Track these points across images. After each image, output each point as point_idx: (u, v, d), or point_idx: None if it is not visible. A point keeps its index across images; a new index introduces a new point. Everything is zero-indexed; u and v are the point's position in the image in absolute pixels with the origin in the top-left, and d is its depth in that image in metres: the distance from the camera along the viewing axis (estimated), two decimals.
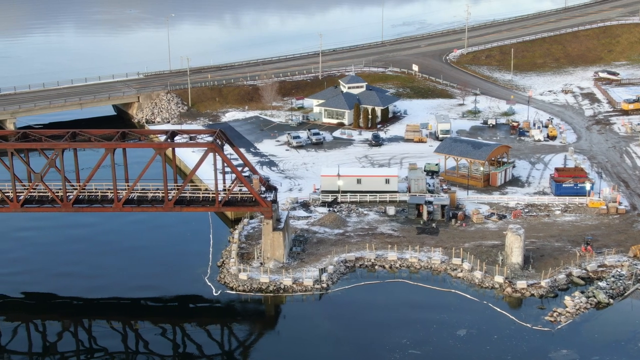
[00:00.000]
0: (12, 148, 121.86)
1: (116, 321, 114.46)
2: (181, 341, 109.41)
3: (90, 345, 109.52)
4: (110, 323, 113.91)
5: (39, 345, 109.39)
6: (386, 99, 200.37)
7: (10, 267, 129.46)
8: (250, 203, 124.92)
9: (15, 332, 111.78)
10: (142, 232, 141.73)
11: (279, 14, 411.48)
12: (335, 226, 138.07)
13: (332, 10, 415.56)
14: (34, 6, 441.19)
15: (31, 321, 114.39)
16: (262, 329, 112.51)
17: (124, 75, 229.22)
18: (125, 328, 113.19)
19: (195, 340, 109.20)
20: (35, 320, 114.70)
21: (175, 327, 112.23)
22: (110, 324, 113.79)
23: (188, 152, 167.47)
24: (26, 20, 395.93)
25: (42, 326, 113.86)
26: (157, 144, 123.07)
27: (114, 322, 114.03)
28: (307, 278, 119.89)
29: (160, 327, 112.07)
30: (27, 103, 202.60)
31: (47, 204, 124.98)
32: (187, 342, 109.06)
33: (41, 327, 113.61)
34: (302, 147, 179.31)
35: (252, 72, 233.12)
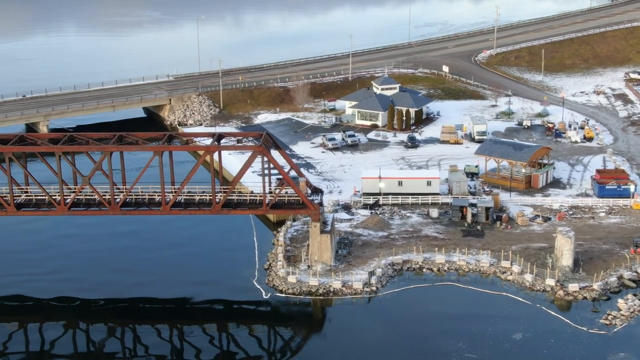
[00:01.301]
0: (60, 151, 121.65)
1: (162, 324, 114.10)
2: (233, 344, 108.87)
3: (135, 347, 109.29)
4: (156, 326, 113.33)
5: (83, 346, 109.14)
6: (419, 101, 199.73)
7: (58, 269, 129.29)
8: (298, 206, 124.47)
9: (62, 334, 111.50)
10: (185, 235, 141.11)
11: (301, 15, 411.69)
12: (379, 229, 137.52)
13: (355, 11, 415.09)
14: (49, 9, 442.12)
15: (78, 323, 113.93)
16: (313, 332, 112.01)
17: (154, 77, 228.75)
18: (172, 330, 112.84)
19: (247, 343, 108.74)
20: (81, 322, 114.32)
21: (225, 330, 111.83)
22: (156, 326, 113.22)
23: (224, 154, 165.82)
24: (45, 23, 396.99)
25: (88, 328, 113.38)
26: (205, 147, 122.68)
27: (160, 325, 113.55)
28: (356, 281, 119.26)
29: (210, 330, 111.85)
30: (59, 105, 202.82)
31: (95, 207, 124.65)
32: (239, 344, 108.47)
33: (87, 329, 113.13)
34: (337, 149, 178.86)
35: (281, 73, 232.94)
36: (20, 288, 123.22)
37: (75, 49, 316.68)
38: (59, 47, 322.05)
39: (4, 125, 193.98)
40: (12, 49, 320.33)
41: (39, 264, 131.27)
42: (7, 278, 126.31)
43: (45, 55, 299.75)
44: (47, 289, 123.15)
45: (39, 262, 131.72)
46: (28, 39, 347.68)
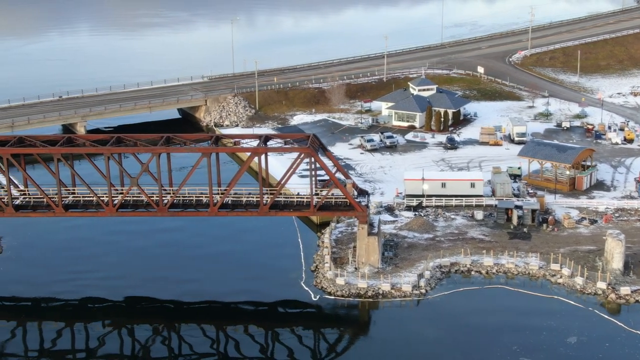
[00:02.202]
0: (109, 152, 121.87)
1: (208, 325, 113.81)
2: (281, 346, 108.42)
3: (180, 347, 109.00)
4: (201, 326, 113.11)
5: (128, 346, 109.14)
6: (457, 102, 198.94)
7: (103, 270, 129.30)
8: (345, 207, 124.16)
9: (107, 333, 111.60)
10: (229, 237, 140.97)
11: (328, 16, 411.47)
12: (424, 230, 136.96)
13: (382, 11, 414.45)
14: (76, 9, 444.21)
15: (124, 325, 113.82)
16: (363, 334, 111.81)
17: (188, 78, 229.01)
18: (217, 332, 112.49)
19: (296, 345, 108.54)
20: (127, 321, 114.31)
21: (273, 332, 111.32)
22: (201, 327, 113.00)
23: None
24: (73, 23, 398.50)
25: (133, 328, 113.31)
26: (253, 149, 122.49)
27: (206, 326, 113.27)
28: (405, 283, 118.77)
29: (257, 332, 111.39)
30: (97, 106, 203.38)
31: (142, 208, 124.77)
32: (287, 346, 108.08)
33: (132, 329, 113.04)
34: (376, 150, 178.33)
35: (315, 74, 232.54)
36: (67, 287, 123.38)
37: (105, 50, 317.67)
38: (89, 47, 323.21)
39: (42, 126, 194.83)
40: (44, 49, 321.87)
41: (86, 263, 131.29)
42: (55, 277, 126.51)
43: (76, 56, 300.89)
44: (93, 288, 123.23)
45: (85, 262, 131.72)
46: (58, 39, 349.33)
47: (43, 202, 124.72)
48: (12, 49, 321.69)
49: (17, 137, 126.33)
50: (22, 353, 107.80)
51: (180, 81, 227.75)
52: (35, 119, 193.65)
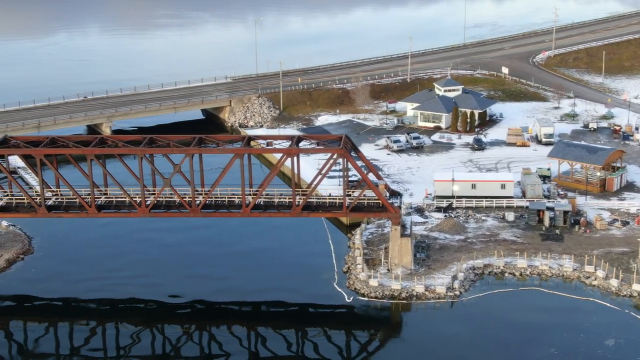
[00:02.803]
0: (142, 153, 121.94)
1: (239, 324, 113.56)
2: (316, 348, 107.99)
3: (210, 348, 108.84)
4: (233, 327, 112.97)
5: (160, 347, 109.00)
6: (483, 102, 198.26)
7: (134, 270, 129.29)
8: (378, 209, 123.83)
9: (138, 335, 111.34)
10: (259, 238, 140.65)
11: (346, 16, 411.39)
12: (455, 232, 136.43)
13: (392, 11, 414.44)
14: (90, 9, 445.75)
15: (155, 324, 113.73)
16: (398, 336, 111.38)
17: (212, 79, 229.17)
18: (249, 332, 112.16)
19: (330, 346, 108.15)
20: (158, 323, 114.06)
21: (306, 334, 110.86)
22: (233, 327, 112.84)
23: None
24: (93, 23, 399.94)
25: (164, 328, 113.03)
26: (286, 150, 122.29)
27: (237, 326, 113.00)
28: (439, 285, 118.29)
29: (290, 333, 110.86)
30: (122, 107, 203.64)
31: (175, 209, 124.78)
32: (323, 348, 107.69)
33: (163, 330, 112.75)
34: (402, 151, 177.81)
35: (338, 75, 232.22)
36: (98, 286, 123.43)
37: (125, 50, 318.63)
38: (109, 48, 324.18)
39: (68, 126, 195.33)
40: (64, 49, 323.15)
41: (117, 262, 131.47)
42: (86, 277, 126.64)
43: (97, 56, 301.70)
44: (125, 287, 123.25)
45: (116, 261, 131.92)
46: (78, 39, 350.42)
47: (76, 203, 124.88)
48: (34, 49, 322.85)
49: (49, 138, 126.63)
50: (54, 352, 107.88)
51: (204, 82, 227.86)
52: (61, 119, 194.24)
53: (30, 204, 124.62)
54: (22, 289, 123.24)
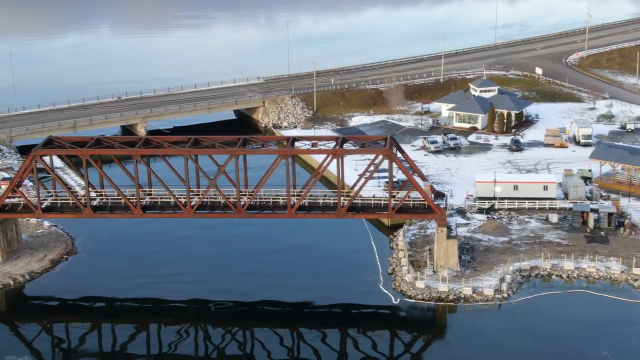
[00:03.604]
0: (188, 154, 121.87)
1: (282, 328, 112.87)
2: (365, 350, 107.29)
3: (253, 349, 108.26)
4: (275, 328, 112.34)
5: (202, 350, 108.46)
6: (519, 103, 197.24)
7: (177, 271, 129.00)
8: (423, 210, 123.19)
9: (180, 337, 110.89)
10: (301, 239, 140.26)
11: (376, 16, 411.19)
12: (499, 234, 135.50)
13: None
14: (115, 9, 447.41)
15: (198, 326, 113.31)
16: (447, 338, 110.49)
17: (244, 79, 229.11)
18: (292, 334, 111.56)
19: (381, 348, 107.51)
20: (201, 325, 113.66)
21: (353, 336, 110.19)
22: (274, 329, 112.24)
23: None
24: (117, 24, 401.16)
25: (207, 331, 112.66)
26: (332, 151, 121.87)
27: (279, 329, 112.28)
28: (486, 287, 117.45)
29: (337, 335, 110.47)
30: (157, 107, 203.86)
31: (219, 209, 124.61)
32: (374, 350, 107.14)
33: (207, 332, 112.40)
34: (439, 152, 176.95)
35: (370, 75, 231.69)
36: (141, 288, 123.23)
37: (153, 50, 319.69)
38: (136, 47, 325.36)
39: (103, 126, 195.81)
40: (94, 49, 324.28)
41: (160, 263, 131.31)
42: (128, 278, 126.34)
43: (127, 56, 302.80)
44: (167, 289, 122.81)
45: (159, 262, 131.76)
46: (105, 40, 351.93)
47: (120, 204, 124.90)
48: (61, 49, 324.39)
49: (94, 138, 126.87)
50: (96, 353, 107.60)
51: (237, 82, 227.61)
52: (97, 119, 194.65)
53: (75, 204, 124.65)
54: (66, 289, 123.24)
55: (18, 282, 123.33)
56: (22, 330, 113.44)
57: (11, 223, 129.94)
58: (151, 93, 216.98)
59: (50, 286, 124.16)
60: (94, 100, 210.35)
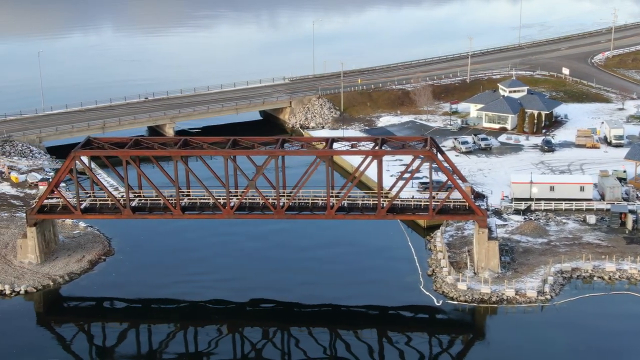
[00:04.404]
0: (228, 155, 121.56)
1: (321, 328, 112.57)
2: (413, 352, 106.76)
3: (290, 350, 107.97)
4: (313, 331, 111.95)
5: (239, 351, 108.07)
6: (549, 103, 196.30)
7: (215, 272, 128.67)
8: (464, 211, 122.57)
9: (219, 339, 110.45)
10: (338, 240, 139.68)
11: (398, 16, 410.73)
12: (537, 235, 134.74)
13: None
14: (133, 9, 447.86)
15: (236, 327, 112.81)
16: (492, 340, 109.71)
17: (270, 79, 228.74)
18: (331, 335, 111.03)
19: (429, 350, 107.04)
20: (239, 326, 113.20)
21: (397, 338, 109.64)
22: (313, 331, 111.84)
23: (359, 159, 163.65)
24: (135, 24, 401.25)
25: (244, 332, 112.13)
26: (372, 152, 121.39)
27: (318, 330, 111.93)
28: (529, 289, 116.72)
29: (382, 336, 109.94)
30: (185, 108, 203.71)
31: (258, 210, 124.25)
32: (420, 352, 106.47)
33: (244, 333, 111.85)
34: (470, 153, 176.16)
35: (396, 76, 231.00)
36: (178, 289, 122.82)
37: (174, 50, 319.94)
38: (157, 47, 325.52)
39: (132, 127, 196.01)
40: (114, 49, 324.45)
41: (197, 264, 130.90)
42: (165, 279, 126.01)
43: (149, 56, 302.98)
44: (205, 290, 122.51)
45: (196, 263, 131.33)
46: (124, 40, 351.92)
47: (159, 204, 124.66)
48: (83, 49, 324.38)
49: (133, 139, 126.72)
50: (134, 354, 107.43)
51: (263, 82, 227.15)
52: (125, 120, 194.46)
53: (114, 205, 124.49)
54: (105, 290, 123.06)
55: (57, 283, 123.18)
56: (62, 331, 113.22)
57: (49, 224, 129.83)
58: (178, 94, 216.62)
59: (90, 287, 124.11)
60: (121, 100, 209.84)
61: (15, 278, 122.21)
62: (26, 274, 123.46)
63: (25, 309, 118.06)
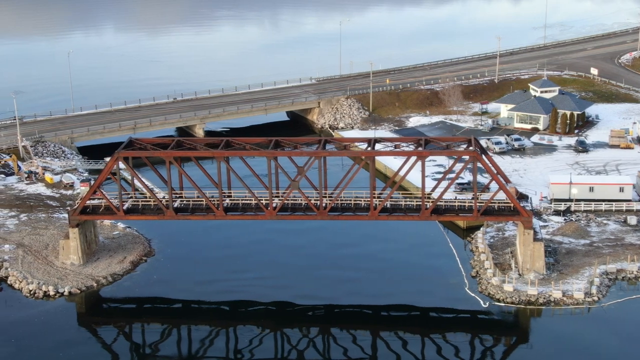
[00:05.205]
0: (272, 156, 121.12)
1: (363, 330, 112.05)
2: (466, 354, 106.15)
3: (331, 353, 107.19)
4: (352, 332, 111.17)
5: (280, 351, 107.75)
6: (581, 104, 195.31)
7: (255, 272, 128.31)
8: (509, 212, 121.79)
9: (261, 339, 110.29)
10: (375, 238, 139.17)
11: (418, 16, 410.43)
12: (579, 236, 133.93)
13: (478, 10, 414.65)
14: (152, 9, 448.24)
15: (278, 328, 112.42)
16: (542, 342, 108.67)
17: (297, 80, 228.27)
18: (373, 336, 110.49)
19: (481, 352, 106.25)
20: (279, 326, 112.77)
21: (446, 339, 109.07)
22: (352, 333, 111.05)
23: (389, 158, 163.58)
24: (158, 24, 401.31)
25: (286, 332, 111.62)
26: (416, 152, 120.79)
27: (361, 332, 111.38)
28: (576, 290, 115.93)
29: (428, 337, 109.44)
30: (215, 108, 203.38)
31: (300, 211, 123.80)
32: (475, 355, 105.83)
33: (285, 334, 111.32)
34: (504, 153, 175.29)
35: (424, 76, 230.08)
36: (219, 289, 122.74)
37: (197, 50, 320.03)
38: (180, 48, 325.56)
39: (162, 127, 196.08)
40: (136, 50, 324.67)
41: (237, 264, 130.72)
42: (206, 279, 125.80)
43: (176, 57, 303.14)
44: (246, 289, 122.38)
45: (236, 263, 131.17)
46: (145, 40, 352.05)
47: (202, 205, 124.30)
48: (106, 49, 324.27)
49: (175, 140, 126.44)
50: (175, 355, 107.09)
51: (290, 83, 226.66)
52: (156, 120, 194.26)
53: (157, 206, 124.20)
54: (146, 291, 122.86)
55: (101, 284, 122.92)
56: (103, 332, 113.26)
57: (90, 225, 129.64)
58: (206, 94, 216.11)
59: (132, 288, 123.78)
60: (150, 101, 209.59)
61: (59, 279, 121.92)
62: (69, 275, 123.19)
63: (68, 310, 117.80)
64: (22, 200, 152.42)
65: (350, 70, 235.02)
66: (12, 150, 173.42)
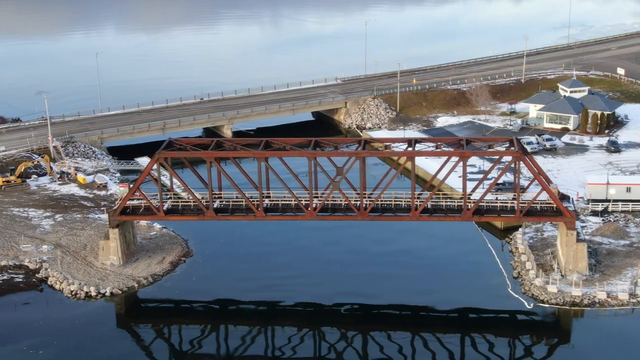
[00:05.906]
0: (313, 156, 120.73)
1: (402, 331, 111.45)
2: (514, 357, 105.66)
3: (369, 353, 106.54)
4: (389, 334, 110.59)
5: (318, 352, 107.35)
6: (611, 104, 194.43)
7: (292, 272, 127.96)
8: (551, 213, 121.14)
9: (297, 338, 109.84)
10: (414, 240, 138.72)
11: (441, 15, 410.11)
12: (618, 237, 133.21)
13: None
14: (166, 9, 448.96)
15: (313, 327, 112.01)
16: (591, 344, 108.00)
17: (322, 80, 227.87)
18: (413, 339, 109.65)
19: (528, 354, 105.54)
20: (317, 326, 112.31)
21: (497, 341, 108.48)
22: (389, 334, 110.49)
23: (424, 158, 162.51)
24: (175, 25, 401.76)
25: (322, 332, 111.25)
26: (459, 152, 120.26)
27: (399, 333, 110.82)
28: (620, 291, 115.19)
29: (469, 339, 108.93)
30: (243, 109, 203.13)
31: (341, 212, 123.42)
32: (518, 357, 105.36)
33: (323, 334, 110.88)
34: (536, 153, 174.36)
35: (450, 76, 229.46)
36: (257, 289, 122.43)
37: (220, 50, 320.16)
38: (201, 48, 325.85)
39: (191, 128, 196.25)
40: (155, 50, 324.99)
41: (274, 265, 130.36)
42: (244, 280, 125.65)
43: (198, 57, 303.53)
44: (283, 291, 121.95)
45: (273, 264, 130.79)
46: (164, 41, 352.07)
47: (242, 205, 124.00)
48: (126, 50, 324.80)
49: (214, 141, 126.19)
50: (214, 354, 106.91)
51: (315, 83, 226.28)
52: (185, 121, 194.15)
53: (197, 206, 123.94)
54: (185, 292, 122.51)
55: (142, 284, 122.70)
56: (143, 333, 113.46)
57: (129, 225, 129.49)
58: (232, 94, 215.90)
59: (172, 289, 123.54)
60: (177, 101, 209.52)
61: (100, 280, 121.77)
62: (109, 276, 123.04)
63: (109, 311, 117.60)
64: (56, 200, 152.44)
65: (375, 70, 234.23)
66: (43, 151, 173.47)
